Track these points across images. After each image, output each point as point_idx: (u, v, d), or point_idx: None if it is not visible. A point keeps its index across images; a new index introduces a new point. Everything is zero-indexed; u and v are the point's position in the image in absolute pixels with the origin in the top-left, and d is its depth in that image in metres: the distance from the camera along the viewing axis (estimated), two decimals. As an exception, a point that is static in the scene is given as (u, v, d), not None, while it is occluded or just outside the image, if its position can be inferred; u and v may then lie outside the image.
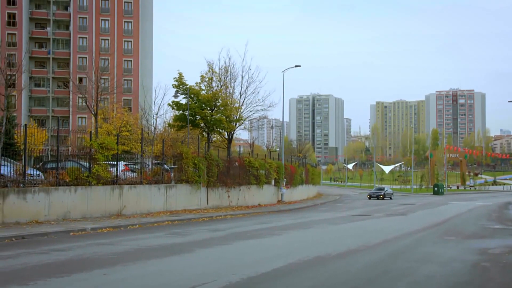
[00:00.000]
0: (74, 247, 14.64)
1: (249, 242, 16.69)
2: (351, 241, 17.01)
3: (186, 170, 29.45)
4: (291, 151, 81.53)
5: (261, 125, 53.81)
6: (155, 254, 13.51)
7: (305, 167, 56.66)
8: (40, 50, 79.83)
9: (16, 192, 19.67)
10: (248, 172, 36.31)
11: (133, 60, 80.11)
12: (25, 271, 10.79)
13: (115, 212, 24.04)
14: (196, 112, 37.18)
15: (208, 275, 10.46)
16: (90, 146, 23.89)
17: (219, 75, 39.31)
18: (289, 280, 10.39)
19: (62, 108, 78.38)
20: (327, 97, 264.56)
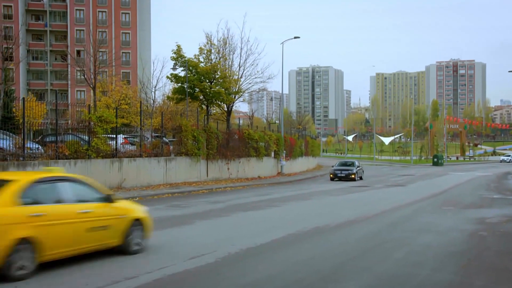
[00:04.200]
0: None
1: (249, 214, 16.80)
2: (350, 212, 17.13)
3: (185, 143, 29.46)
4: (291, 123, 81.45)
5: (261, 97, 53.71)
6: (155, 226, 13.50)
7: (304, 139, 56.63)
8: (37, 22, 79.06)
9: (15, 166, 19.70)
10: (248, 144, 36.32)
11: (131, 32, 79.43)
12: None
13: (115, 185, 24.12)
14: (195, 85, 36.97)
15: (207, 246, 10.55)
16: (89, 119, 23.83)
17: (217, 47, 38.98)
18: (288, 250, 10.49)
19: (60, 82, 78.01)
20: (326, 69, 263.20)
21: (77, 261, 8.90)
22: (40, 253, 8.04)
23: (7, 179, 8.54)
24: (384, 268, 8.93)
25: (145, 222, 10.54)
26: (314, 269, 8.77)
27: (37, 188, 8.56)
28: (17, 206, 7.99)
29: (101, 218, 9.40)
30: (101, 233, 9.35)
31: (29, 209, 8.09)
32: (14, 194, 8.06)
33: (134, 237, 10.02)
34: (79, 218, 8.91)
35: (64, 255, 8.65)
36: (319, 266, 9.02)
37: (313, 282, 7.93)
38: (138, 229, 10.20)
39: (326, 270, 8.76)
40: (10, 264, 7.60)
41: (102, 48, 46.75)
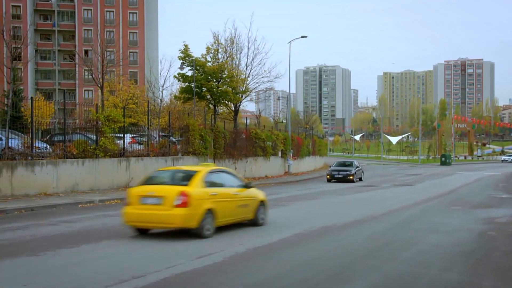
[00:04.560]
0: (82, 218, 14.80)
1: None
2: (358, 212, 17.08)
3: (192, 142, 29.50)
4: (298, 122, 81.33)
5: (268, 96, 53.71)
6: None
7: (312, 138, 56.56)
8: (45, 22, 79.39)
9: (24, 165, 19.81)
10: (255, 143, 36.32)
11: (138, 32, 79.61)
12: (35, 242, 10.94)
13: (122, 184, 24.20)
14: (202, 84, 37.00)
15: (214, 246, 10.56)
16: (96, 118, 23.92)
17: (224, 46, 38.99)
18: (295, 250, 10.48)
19: (68, 81, 78.31)
20: (334, 68, 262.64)
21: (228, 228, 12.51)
22: (216, 220, 11.78)
23: (194, 170, 12.44)
24: (392, 267, 8.90)
25: (266, 203, 14.07)
26: (322, 268, 8.76)
27: (210, 176, 12.38)
28: (201, 187, 11.72)
29: (244, 198, 13.08)
30: (244, 209, 13.02)
31: (209, 190, 11.88)
32: (201, 180, 11.87)
33: (260, 213, 13.63)
34: (234, 197, 12.70)
35: (226, 223, 12.30)
36: (326, 265, 9.00)
37: (321, 281, 7.91)
38: (262, 208, 13.76)
39: (333, 269, 8.74)
40: (202, 226, 11.36)
41: (110, 48, 46.80)
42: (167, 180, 12.35)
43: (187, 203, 11.15)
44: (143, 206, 11.47)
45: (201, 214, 11.30)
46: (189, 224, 11.26)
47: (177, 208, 11.12)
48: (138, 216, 11.53)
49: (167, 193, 11.42)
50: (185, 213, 11.13)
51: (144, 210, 11.43)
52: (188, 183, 11.65)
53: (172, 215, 11.15)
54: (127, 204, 11.79)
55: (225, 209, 12.15)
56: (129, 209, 11.65)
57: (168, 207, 11.19)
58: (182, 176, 12.42)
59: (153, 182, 12.19)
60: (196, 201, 11.29)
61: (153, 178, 12.56)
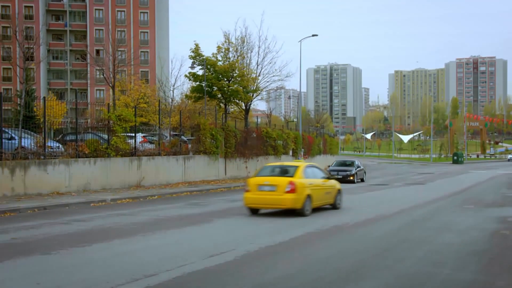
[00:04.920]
0: (94, 217, 14.87)
1: (267, 212, 16.76)
2: (369, 211, 17.03)
3: (203, 141, 29.54)
4: (309, 121, 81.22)
5: (279, 95, 53.53)
6: (174, 224, 13.67)
7: (322, 137, 56.44)
8: (57, 22, 79.92)
9: (37, 164, 19.94)
10: (266, 142, 36.30)
11: (149, 31, 79.88)
12: (48, 241, 11.01)
13: (134, 183, 24.30)
14: (213, 83, 37.03)
15: (226, 245, 10.56)
16: (108, 118, 24.02)
17: (235, 45, 38.99)
18: (307, 249, 10.46)
19: (80, 81, 78.77)
20: (344, 67, 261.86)
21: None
22: (312, 203, 15.53)
23: (295, 165, 16.53)
24: (405, 267, 8.84)
25: (342, 191, 18.02)
26: (334, 268, 8.73)
27: (306, 170, 16.23)
28: (303, 178, 15.50)
29: (328, 187, 16.90)
30: (328, 195, 16.87)
31: (307, 180, 15.66)
32: (301, 173, 15.72)
33: (338, 199, 17.44)
34: (322, 186, 16.48)
35: (317, 206, 16.04)
36: (338, 265, 8.97)
37: (333, 280, 7.88)
38: (339, 195, 17.60)
39: (345, 268, 8.71)
40: (304, 207, 15.15)
41: (121, 47, 47.05)
42: (275, 173, 16.32)
43: (294, 190, 14.92)
44: (260, 192, 15.28)
45: (303, 198, 15.13)
46: (295, 206, 15.03)
47: (287, 194, 14.92)
48: (257, 200, 15.39)
49: (279, 182, 15.26)
50: (293, 197, 14.91)
51: (262, 195, 15.25)
52: (293, 175, 15.48)
53: (284, 199, 14.96)
54: (247, 191, 15.56)
55: (317, 195, 15.94)
56: (249, 195, 15.46)
57: (281, 193, 15.00)
58: (287, 170, 16.26)
59: (265, 175, 16.15)
60: (300, 188, 15.05)
61: (264, 171, 16.56)
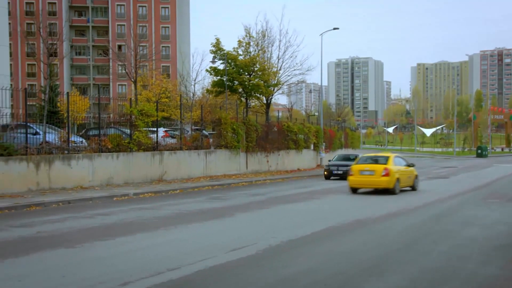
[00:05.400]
0: (117, 211, 15.03)
1: (289, 206, 16.78)
2: (392, 205, 16.90)
3: (225, 136, 29.61)
4: (330, 115, 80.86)
5: (299, 89, 53.26)
6: (196, 218, 13.74)
7: (344, 131, 56.14)
8: (80, 18, 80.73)
9: (61, 159, 20.21)
10: (287, 136, 36.25)
11: (170, 26, 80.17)
12: (72, 235, 11.16)
13: (156, 178, 24.47)
14: (234, 78, 37.07)
15: (248, 239, 10.59)
16: (130, 113, 24.20)
17: (256, 39, 38.95)
18: (328, 243, 10.43)
19: (102, 76, 79.51)
20: (366, 60, 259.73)
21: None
22: (400, 185, 20.33)
23: (387, 155, 21.53)
24: (429, 261, 8.77)
25: (418, 177, 22.65)
26: (356, 262, 8.69)
27: (395, 158, 20.99)
28: (393, 165, 20.36)
29: (409, 172, 21.51)
30: (409, 179, 21.44)
31: (395, 167, 20.49)
32: (392, 161, 20.64)
33: (415, 183, 22.03)
34: (405, 172, 21.13)
35: (402, 187, 20.82)
36: (360, 259, 8.93)
37: (355, 274, 7.85)
38: (416, 180, 22.22)
39: (368, 262, 8.67)
40: (394, 187, 19.95)
41: (143, 43, 47.35)
42: (372, 161, 21.41)
43: (388, 174, 19.94)
44: (362, 176, 20.56)
45: (394, 180, 20.03)
46: (389, 186, 19.99)
47: (383, 177, 19.98)
48: (359, 182, 20.72)
49: (376, 168, 20.41)
50: (388, 180, 19.94)
51: (363, 178, 20.55)
52: (386, 162, 20.55)
53: (381, 181, 20.09)
54: (351, 175, 20.80)
55: (403, 178, 20.70)
56: (353, 178, 20.74)
57: (378, 176, 20.10)
58: (381, 159, 21.32)
59: (364, 162, 21.38)
60: (392, 173, 19.97)
61: (363, 160, 22.02)
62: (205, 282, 7.42)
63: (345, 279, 7.60)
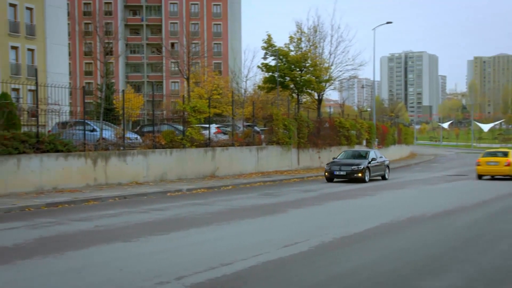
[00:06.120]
0: (171, 207, 15.30)
1: (341, 203, 16.65)
2: (447, 202, 16.50)
3: (276, 132, 29.65)
4: (383, 110, 79.63)
5: (351, 85, 52.80)
6: (248, 214, 13.83)
7: (397, 126, 55.17)
8: (134, 17, 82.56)
9: (117, 155, 20.75)
10: (339, 132, 35.95)
11: (222, 23, 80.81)
12: (128, 229, 11.45)
13: (208, 174, 24.77)
14: (285, 74, 37.04)
15: (300, 235, 10.58)
16: (183, 109, 24.58)
17: (307, 35, 38.77)
18: (382, 240, 10.28)
19: (156, 74, 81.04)
20: (420, 54, 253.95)
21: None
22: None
23: (506, 150, 27.74)
24: (487, 260, 8.51)
25: None
26: (410, 260, 8.54)
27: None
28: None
29: None
30: None
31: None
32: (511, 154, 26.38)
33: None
34: None
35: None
36: (414, 257, 8.76)
37: (409, 273, 7.71)
38: None
39: (422, 260, 8.49)
40: None
41: (195, 40, 47.94)
42: (495, 155, 26.77)
43: (510, 164, 25.49)
44: (488, 166, 26.04)
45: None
46: (510, 173, 25.55)
47: (505, 166, 25.57)
48: (485, 170, 26.08)
49: (500, 160, 25.96)
50: (509, 168, 25.47)
51: (489, 167, 26.03)
52: (507, 156, 26.06)
53: (504, 169, 25.67)
54: (479, 165, 26.23)
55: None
56: (480, 167, 26.17)
57: (501, 166, 25.68)
58: (502, 153, 26.89)
59: (488, 156, 26.67)
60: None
61: (487, 154, 27.10)
62: (258, 278, 7.46)
63: (400, 277, 7.48)
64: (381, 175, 26.14)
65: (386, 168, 26.67)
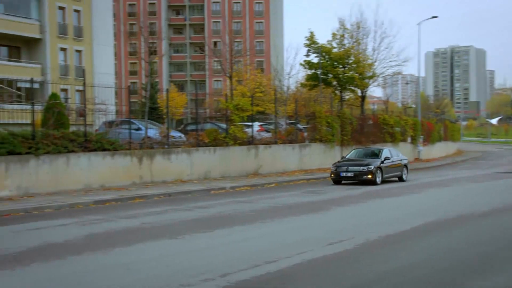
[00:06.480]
0: (215, 204, 15.42)
1: (386, 201, 16.44)
2: (497, 200, 16.06)
3: (319, 129, 29.50)
4: (428, 107, 78.15)
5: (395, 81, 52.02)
6: (292, 211, 13.81)
7: (443, 123, 54.05)
8: (177, 17, 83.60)
9: (161, 153, 21.06)
10: (383, 129, 35.49)
11: (264, 21, 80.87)
12: (173, 226, 11.61)
13: (251, 171, 24.85)
14: (328, 71, 36.83)
15: (345, 233, 10.50)
16: (226, 108, 24.74)
17: (350, 31, 38.40)
18: (429, 239, 10.08)
19: (198, 72, 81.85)
20: (467, 49, 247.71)
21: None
22: None
23: None
24: (538, 261, 8.24)
25: None
26: (459, 259, 8.35)
27: None
28: None
29: None
30: None
31: None
32: None
33: None
34: None
35: None
36: (463, 256, 8.57)
37: (458, 272, 7.54)
38: None
39: (471, 260, 8.30)
40: None
41: (237, 38, 48.17)
42: None
43: None
44: None
45: None
46: None
47: None
48: None
49: None
50: None
51: None
52: None
53: None
54: None
55: None
56: None
57: None
58: None
59: None
60: None
61: None
62: (302, 275, 7.45)
63: (448, 277, 7.32)
64: (397, 176, 23.40)
65: (403, 168, 23.81)
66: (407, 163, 24.51)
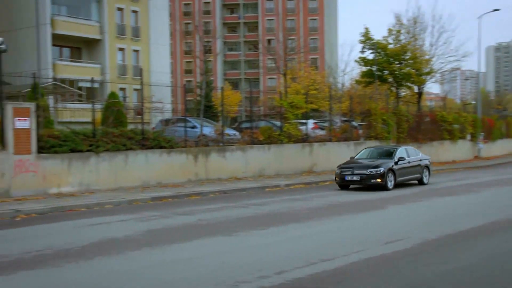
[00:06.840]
0: (270, 202, 15.47)
1: (445, 199, 16.03)
2: None
3: (374, 127, 29.07)
4: (489, 103, 75.66)
5: (454, 77, 50.67)
6: (347, 210, 13.70)
7: (505, 120, 52.16)
8: (231, 15, 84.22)
9: (216, 151, 21.30)
10: (441, 127, 34.62)
11: (318, 18, 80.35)
12: (229, 223, 11.73)
13: (306, 169, 24.77)
14: (383, 67, 36.26)
15: (402, 232, 10.32)
16: (280, 105, 24.75)
17: (407, 27, 37.67)
18: (491, 239, 9.77)
19: (252, 70, 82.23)
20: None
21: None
22: None
23: None
24: None
25: None
26: None
27: None
28: None
29: None
30: None
31: None
32: None
33: None
34: None
35: None
36: None
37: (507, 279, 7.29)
38: None
39: (536, 263, 7.98)
40: None
41: (291, 36, 48.06)
42: None
43: None
44: None
45: None
46: None
47: None
48: None
49: None
50: None
51: None
52: None
53: None
54: None
55: None
56: None
57: None
58: None
59: None
60: None
61: None
62: (360, 274, 7.37)
63: (511, 279, 7.09)
64: (416, 179, 20.69)
65: (423, 170, 20.90)
66: (429, 164, 21.67)
